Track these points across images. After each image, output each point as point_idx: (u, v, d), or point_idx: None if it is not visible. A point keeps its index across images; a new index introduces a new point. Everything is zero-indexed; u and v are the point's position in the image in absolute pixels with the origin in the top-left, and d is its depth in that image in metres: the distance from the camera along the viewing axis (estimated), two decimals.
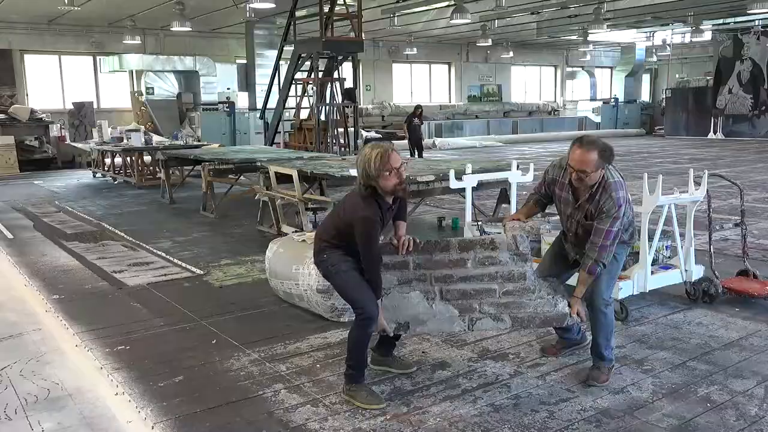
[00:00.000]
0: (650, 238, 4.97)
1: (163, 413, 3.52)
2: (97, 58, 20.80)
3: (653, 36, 26.51)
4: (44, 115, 18.63)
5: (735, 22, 22.97)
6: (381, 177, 3.39)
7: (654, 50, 29.00)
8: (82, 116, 18.72)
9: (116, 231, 8.78)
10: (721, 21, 22.43)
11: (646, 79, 34.40)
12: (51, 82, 20.40)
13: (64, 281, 6.34)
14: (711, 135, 26.03)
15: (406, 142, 17.18)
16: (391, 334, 3.78)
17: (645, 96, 34.24)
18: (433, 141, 23.50)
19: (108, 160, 15.53)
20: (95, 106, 20.02)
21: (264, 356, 4.30)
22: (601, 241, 3.59)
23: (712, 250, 5.43)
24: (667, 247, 5.37)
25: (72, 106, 19.05)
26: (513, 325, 3.73)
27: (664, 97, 29.97)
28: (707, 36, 24.49)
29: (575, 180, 3.61)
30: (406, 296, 3.72)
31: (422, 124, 18.09)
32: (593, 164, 3.50)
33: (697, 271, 5.26)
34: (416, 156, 16.19)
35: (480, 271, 3.67)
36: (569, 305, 3.70)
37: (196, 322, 5.04)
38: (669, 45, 26.72)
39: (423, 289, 3.72)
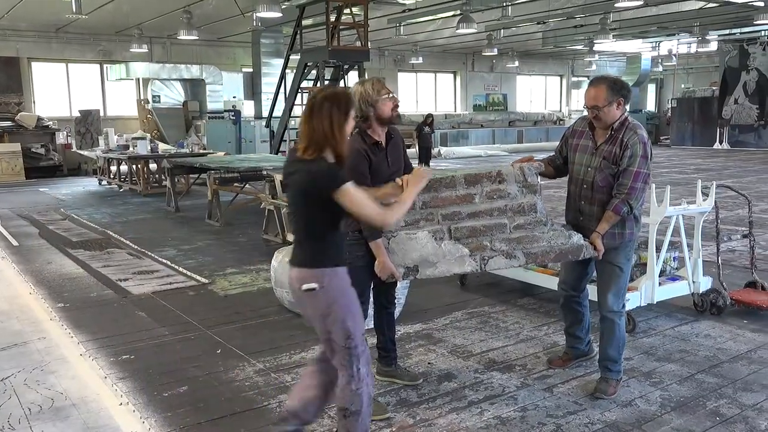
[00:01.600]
0: (658, 249, 4.94)
1: (167, 424, 3.50)
2: (104, 65, 20.92)
3: (659, 46, 26.50)
4: (51, 122, 18.71)
5: (741, 33, 22.96)
6: (380, 102, 3.46)
7: (660, 60, 29.03)
8: (88, 124, 18.80)
9: (121, 239, 8.79)
10: (727, 31, 22.43)
11: (651, 89, 34.42)
12: (58, 89, 20.51)
13: (69, 289, 6.33)
14: (717, 145, 25.97)
15: (414, 150, 17.18)
16: (401, 280, 3.70)
17: (651, 106, 34.24)
18: (438, 150, 23.51)
19: (114, 168, 15.60)
20: (101, 113, 20.11)
21: (269, 366, 4.28)
22: (630, 182, 3.53)
23: (720, 261, 5.39)
24: (674, 258, 5.34)
25: (78, 114, 19.14)
26: (527, 261, 3.56)
27: (669, 107, 29.95)
28: (713, 46, 24.50)
29: (593, 119, 3.64)
30: (413, 237, 3.49)
31: (433, 132, 18.12)
32: (603, 98, 3.54)
33: (705, 283, 5.23)
34: (423, 164, 16.20)
35: (488, 205, 3.53)
36: (585, 239, 3.59)
37: (201, 331, 5.02)
38: (675, 55, 26.73)
39: (431, 229, 3.50)
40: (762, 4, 14.93)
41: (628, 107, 3.70)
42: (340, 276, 2.89)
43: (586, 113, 3.77)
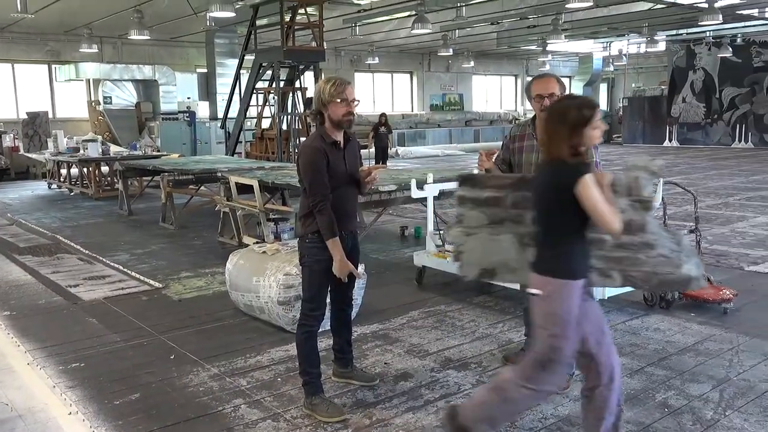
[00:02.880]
0: None
1: None
2: (53, 66, 20.33)
3: (610, 46, 27.11)
4: None
5: (687, 33, 23.64)
6: (332, 103, 3.42)
7: (611, 60, 29.66)
8: (36, 126, 18.26)
9: (72, 244, 8.56)
10: (674, 32, 23.06)
11: (603, 88, 35.12)
12: (3, 90, 19.85)
13: (16, 296, 6.14)
14: (666, 143, 26.70)
15: (370, 151, 17.18)
16: (360, 277, 3.69)
17: (603, 105, 34.92)
18: (396, 150, 23.57)
19: (64, 171, 15.18)
20: (51, 115, 19.56)
21: (224, 371, 4.23)
22: None
23: None
24: None
25: (26, 116, 18.57)
26: (623, 283, 3.14)
27: (621, 105, 30.64)
28: (661, 46, 25.15)
29: (542, 111, 3.63)
30: (497, 239, 3.16)
31: (390, 132, 18.15)
32: (558, 87, 3.73)
33: None
34: (380, 163, 16.21)
35: None
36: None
37: (154, 336, 4.93)
38: (625, 55, 27.34)
39: (517, 232, 3.14)
40: (706, 5, 15.36)
41: None
42: (567, 289, 2.80)
43: (524, 121, 3.94)
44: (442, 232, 6.12)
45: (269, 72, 14.81)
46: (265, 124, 15.53)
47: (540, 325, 2.88)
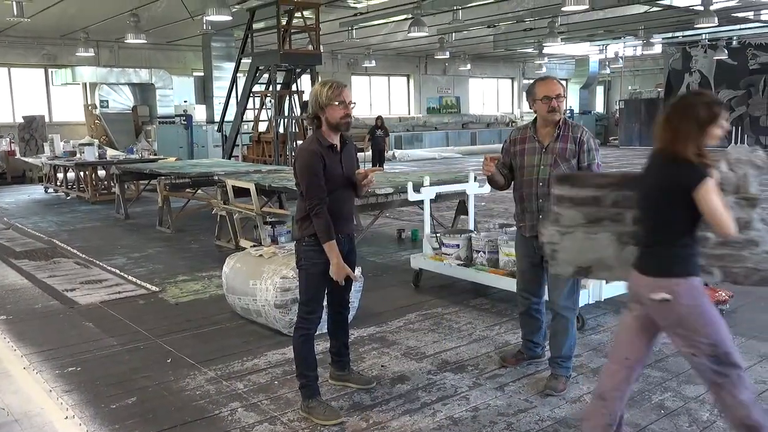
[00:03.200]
0: None
1: None
2: (49, 70, 20.33)
3: (606, 49, 27.17)
4: None
5: (683, 36, 23.70)
6: (329, 106, 3.43)
7: (607, 63, 29.75)
8: (32, 130, 18.20)
9: (68, 248, 8.55)
10: (670, 34, 23.12)
11: (600, 90, 35.20)
12: (0, 94, 19.83)
13: (12, 301, 6.13)
14: None
15: (367, 154, 17.18)
16: (357, 280, 3.70)
17: (599, 107, 35.01)
18: (393, 153, 23.59)
19: (60, 175, 15.18)
20: (47, 119, 19.52)
21: (221, 374, 4.23)
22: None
23: None
24: None
25: (22, 120, 18.54)
26: (724, 279, 3.07)
27: (617, 108, 30.71)
28: (657, 49, 25.21)
29: (555, 108, 3.72)
30: (593, 237, 3.14)
31: (388, 135, 18.12)
32: (563, 88, 3.77)
33: None
34: (377, 166, 16.22)
35: None
36: None
37: (151, 340, 4.93)
38: (621, 58, 27.41)
39: (616, 230, 3.09)
40: (702, 8, 15.41)
41: None
42: (692, 286, 2.69)
43: (522, 126, 3.97)
44: (438, 234, 6.13)
45: (266, 75, 14.81)
46: (262, 127, 15.53)
47: (679, 330, 2.73)
